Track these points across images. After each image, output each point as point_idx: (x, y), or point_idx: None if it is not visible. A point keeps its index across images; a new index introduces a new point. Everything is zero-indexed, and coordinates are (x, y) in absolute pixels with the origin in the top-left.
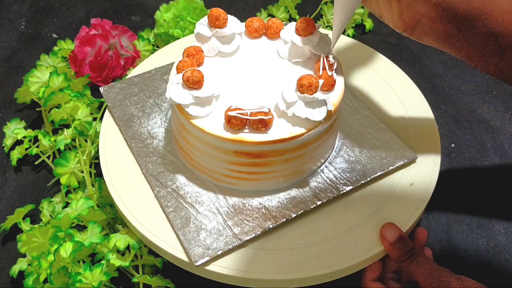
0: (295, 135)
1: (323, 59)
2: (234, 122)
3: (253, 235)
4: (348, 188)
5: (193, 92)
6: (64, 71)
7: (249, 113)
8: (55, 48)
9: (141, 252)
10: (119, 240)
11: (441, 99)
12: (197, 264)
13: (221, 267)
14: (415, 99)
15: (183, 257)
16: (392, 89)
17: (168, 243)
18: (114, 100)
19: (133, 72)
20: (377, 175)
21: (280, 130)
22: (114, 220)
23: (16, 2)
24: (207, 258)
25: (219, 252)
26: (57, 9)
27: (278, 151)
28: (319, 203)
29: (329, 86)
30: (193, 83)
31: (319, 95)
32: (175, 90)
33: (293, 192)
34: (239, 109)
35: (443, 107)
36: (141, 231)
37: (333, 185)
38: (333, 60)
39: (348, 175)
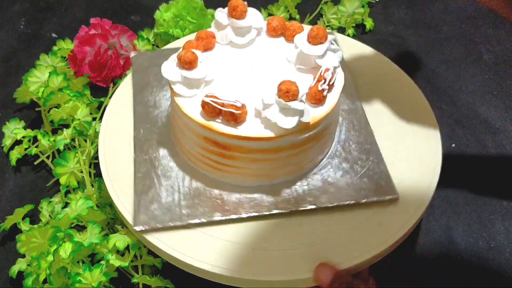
0: (260, 137)
1: (322, 71)
2: (207, 109)
3: (198, 220)
4: (310, 207)
5: (182, 71)
6: (64, 71)
7: (224, 104)
8: (55, 48)
9: (141, 253)
10: (119, 240)
11: (441, 99)
12: (135, 228)
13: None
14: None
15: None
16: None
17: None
18: (139, 66)
19: (168, 45)
20: (345, 203)
21: (251, 128)
22: (114, 221)
23: (15, 2)
24: (146, 227)
25: (159, 225)
26: (57, 9)
27: (244, 148)
28: (275, 212)
29: (317, 99)
30: (185, 63)
31: (295, 104)
32: (168, 66)
33: (257, 194)
34: (215, 97)
35: (444, 107)
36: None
37: (296, 199)
38: (330, 75)
39: (317, 193)
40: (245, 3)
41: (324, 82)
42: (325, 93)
